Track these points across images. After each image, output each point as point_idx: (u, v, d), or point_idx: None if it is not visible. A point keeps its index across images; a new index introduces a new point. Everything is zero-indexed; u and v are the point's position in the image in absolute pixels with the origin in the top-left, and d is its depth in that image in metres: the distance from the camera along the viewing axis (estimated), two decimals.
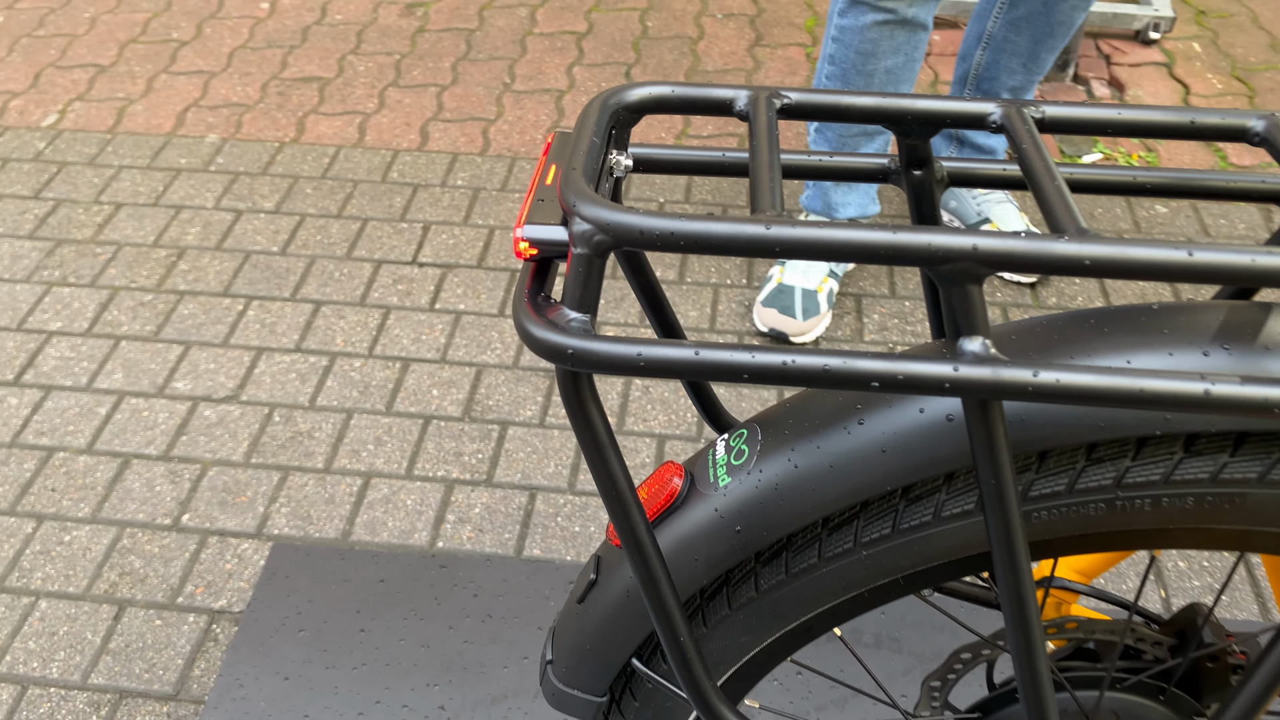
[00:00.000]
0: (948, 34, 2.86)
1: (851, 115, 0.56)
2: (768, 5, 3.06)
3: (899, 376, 0.45)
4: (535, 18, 3.01)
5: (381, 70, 2.80)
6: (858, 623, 1.36)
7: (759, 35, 2.93)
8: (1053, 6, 1.84)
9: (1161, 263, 0.43)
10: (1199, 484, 0.56)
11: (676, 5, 3.05)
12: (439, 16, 3.02)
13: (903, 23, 1.71)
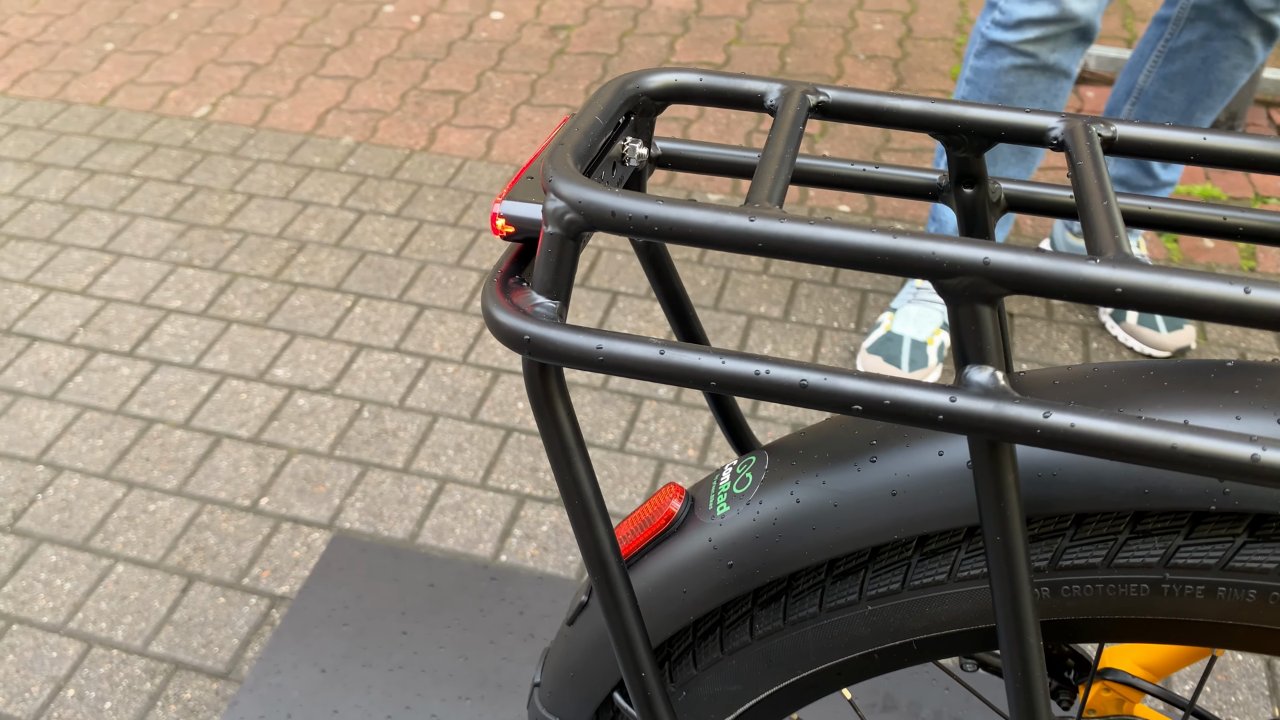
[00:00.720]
0: (1101, 91, 2.73)
1: (895, 120, 0.51)
2: (913, 49, 2.98)
3: (885, 401, 0.39)
4: (674, 47, 3.01)
5: (517, 88, 2.85)
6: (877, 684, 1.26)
7: (900, 79, 2.86)
8: (1213, 64, 1.69)
9: (1210, 299, 0.37)
10: (1265, 575, 0.48)
11: (819, 43, 3.00)
12: (580, 40, 3.05)
13: (1043, 69, 1.60)
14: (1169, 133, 0.49)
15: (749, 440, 0.66)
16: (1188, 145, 0.48)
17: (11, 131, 2.71)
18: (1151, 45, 1.80)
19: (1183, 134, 0.48)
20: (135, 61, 3.00)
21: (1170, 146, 0.49)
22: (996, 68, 1.63)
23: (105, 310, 2.15)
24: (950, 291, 0.39)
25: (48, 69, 2.98)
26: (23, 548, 1.70)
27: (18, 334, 2.10)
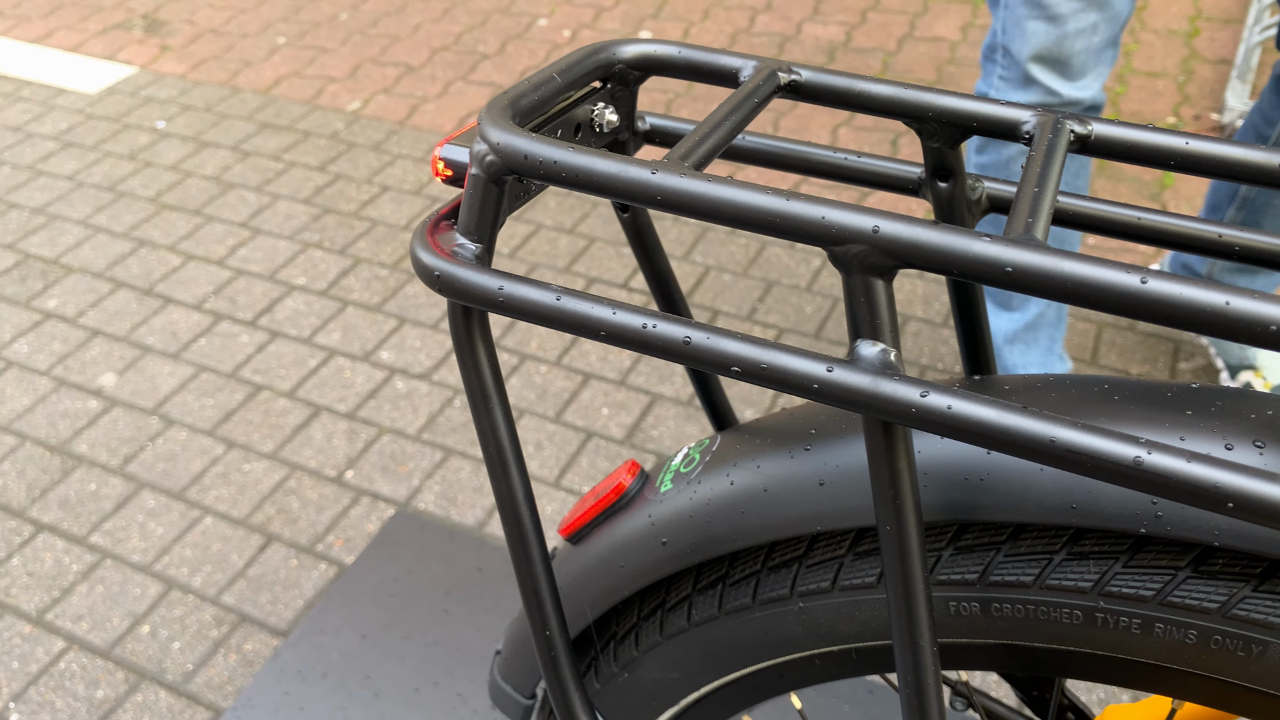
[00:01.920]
0: None
1: (866, 104, 0.50)
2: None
3: (762, 365, 0.38)
4: None
5: (653, 107, 2.88)
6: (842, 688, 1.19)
7: None
8: None
9: (1102, 286, 0.34)
10: (1205, 615, 0.44)
11: (966, 82, 2.93)
12: None
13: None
14: (1148, 135, 0.46)
15: (728, 420, 0.65)
16: (1169, 149, 0.45)
17: (183, 112, 2.91)
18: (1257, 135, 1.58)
19: (1163, 137, 0.45)
20: (301, 55, 3.18)
21: (1149, 149, 0.46)
22: (1004, 158, 1.50)
23: (236, 281, 2.28)
24: (841, 260, 0.38)
25: (224, 57, 3.19)
26: (127, 490, 1.82)
27: (156, 295, 2.25)
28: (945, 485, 0.46)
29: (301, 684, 1.34)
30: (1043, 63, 1.37)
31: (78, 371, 2.07)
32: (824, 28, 3.24)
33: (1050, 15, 1.32)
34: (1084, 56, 1.35)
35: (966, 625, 0.49)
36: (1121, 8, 1.33)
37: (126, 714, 1.47)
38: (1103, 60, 1.38)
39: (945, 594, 0.49)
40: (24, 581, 1.67)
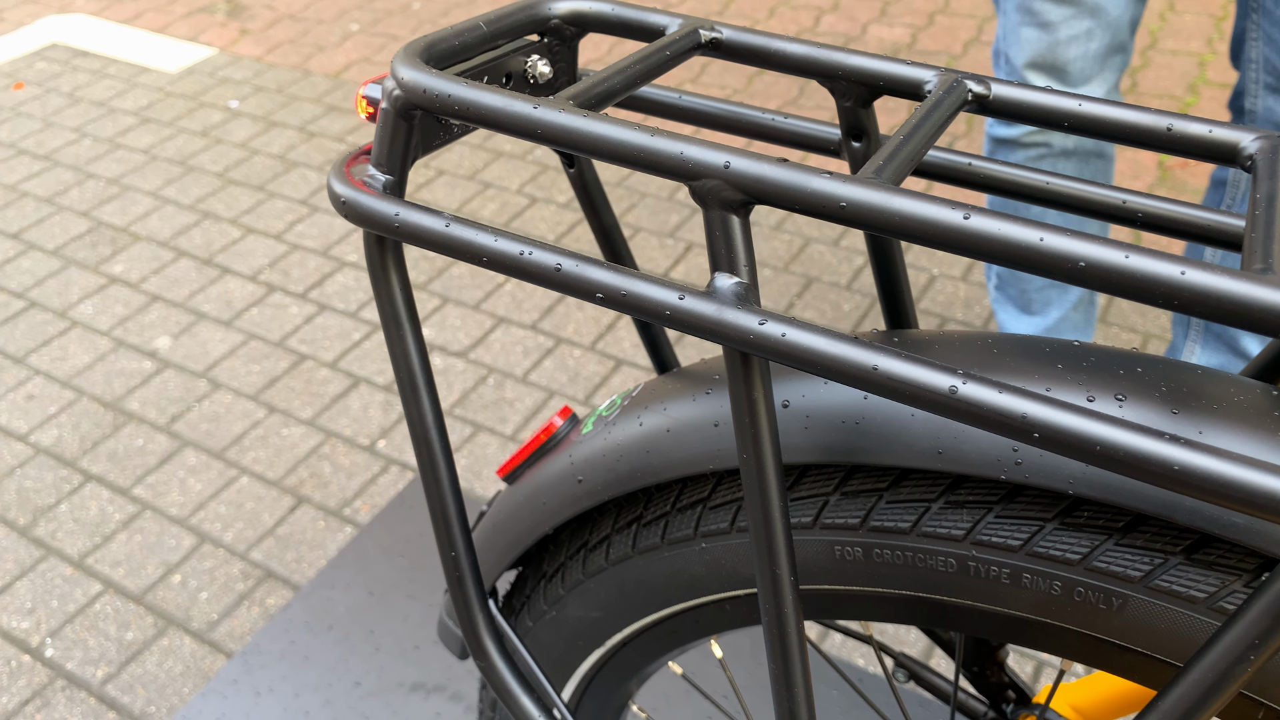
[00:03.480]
0: None
1: (781, 63, 0.51)
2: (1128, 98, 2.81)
3: (623, 293, 0.40)
4: None
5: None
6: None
7: None
8: None
9: (926, 220, 0.36)
10: (1069, 566, 0.45)
11: None
12: None
13: (1065, 154, 1.44)
14: (1045, 96, 0.47)
15: (670, 366, 0.66)
16: (1064, 111, 0.46)
17: (256, 93, 3.01)
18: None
19: (1059, 99, 0.46)
20: (372, 42, 3.27)
21: (1046, 111, 0.47)
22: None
23: (291, 255, 2.36)
24: (699, 195, 0.40)
25: (299, 41, 3.30)
26: (171, 447, 1.90)
27: (215, 265, 2.34)
28: (825, 428, 0.48)
29: (308, 634, 1.39)
30: (1038, 69, 1.35)
31: (136, 334, 2.16)
32: (890, 29, 3.22)
33: (1041, 22, 1.30)
34: (1081, 63, 1.33)
35: (851, 571, 0.50)
36: (1119, 14, 1.30)
37: (152, 656, 1.54)
38: (1108, 66, 1.35)
39: (831, 538, 0.50)
40: (70, 527, 1.76)
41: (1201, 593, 0.42)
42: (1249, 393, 0.43)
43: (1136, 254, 0.33)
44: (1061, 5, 1.30)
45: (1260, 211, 0.38)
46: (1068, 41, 1.32)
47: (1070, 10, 1.30)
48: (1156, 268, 0.33)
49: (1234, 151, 0.43)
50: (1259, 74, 1.32)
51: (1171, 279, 0.33)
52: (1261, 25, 1.28)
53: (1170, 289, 0.33)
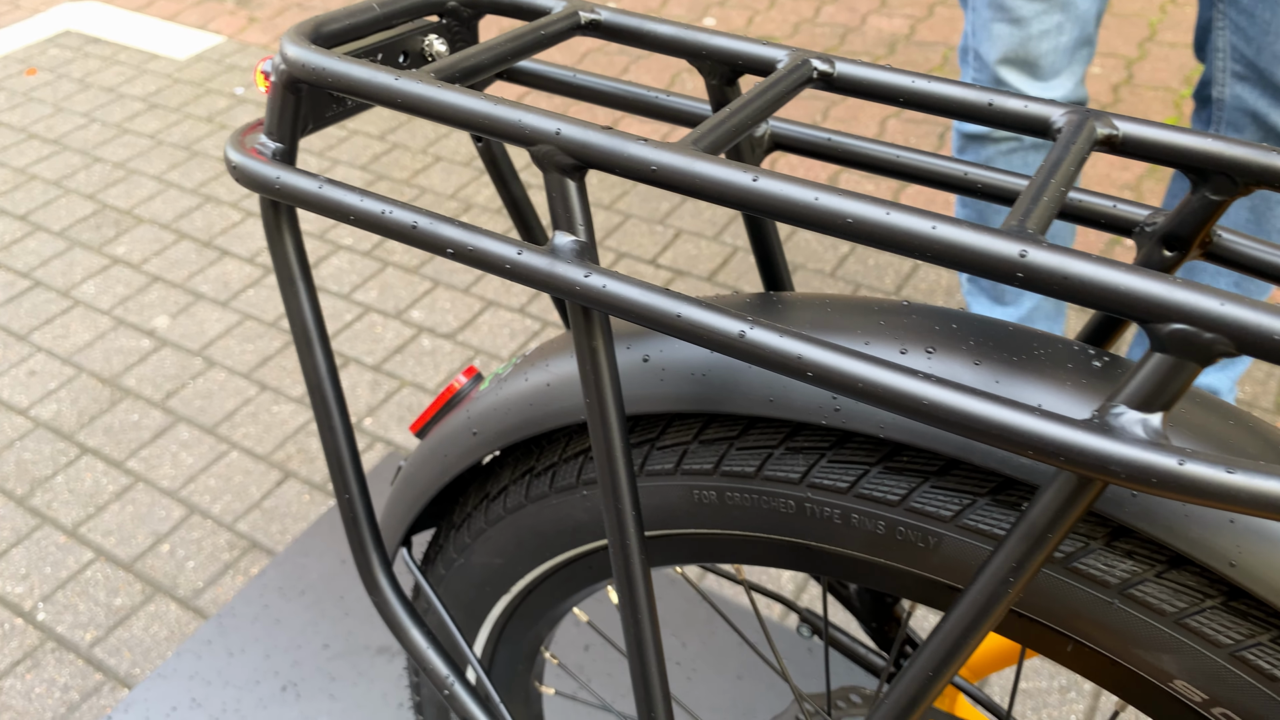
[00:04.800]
0: None
1: (652, 43, 0.55)
2: (1128, 96, 2.83)
3: (469, 248, 0.44)
4: None
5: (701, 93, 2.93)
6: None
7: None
8: (1265, 214, 1.41)
9: (723, 183, 0.40)
10: (890, 506, 0.48)
11: None
12: None
13: (1038, 147, 1.47)
14: (885, 74, 0.50)
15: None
16: (901, 87, 0.50)
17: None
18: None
19: (898, 77, 0.50)
20: None
21: (885, 88, 0.50)
22: (984, 159, 1.48)
23: None
24: (538, 159, 0.44)
25: None
26: (165, 422, 1.95)
27: (214, 247, 2.40)
28: (678, 380, 0.52)
29: (281, 599, 1.44)
30: (1011, 65, 1.37)
31: (136, 313, 2.22)
32: (889, 20, 3.24)
33: (1014, 18, 1.33)
34: (1052, 57, 1.35)
35: (709, 514, 0.54)
36: (1087, 7, 1.32)
37: (139, 621, 1.60)
38: (1075, 59, 1.37)
39: (690, 482, 0.54)
40: (65, 497, 1.82)
41: (1004, 530, 0.46)
42: (1052, 347, 0.46)
43: (896, 211, 0.37)
44: (1032, 1, 1.32)
45: (1040, 177, 0.41)
46: (1039, 36, 1.35)
47: (1041, 5, 1.32)
48: (911, 223, 0.37)
49: (1045, 124, 0.47)
50: (1226, 62, 1.34)
51: (924, 233, 0.37)
52: (1228, 14, 1.30)
53: (924, 242, 0.37)
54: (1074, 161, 0.43)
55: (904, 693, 0.45)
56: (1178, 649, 0.44)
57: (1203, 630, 0.44)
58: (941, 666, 0.43)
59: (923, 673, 0.44)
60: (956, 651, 0.42)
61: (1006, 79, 1.38)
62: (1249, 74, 1.28)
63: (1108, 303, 0.34)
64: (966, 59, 1.46)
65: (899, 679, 0.45)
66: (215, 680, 1.32)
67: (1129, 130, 0.46)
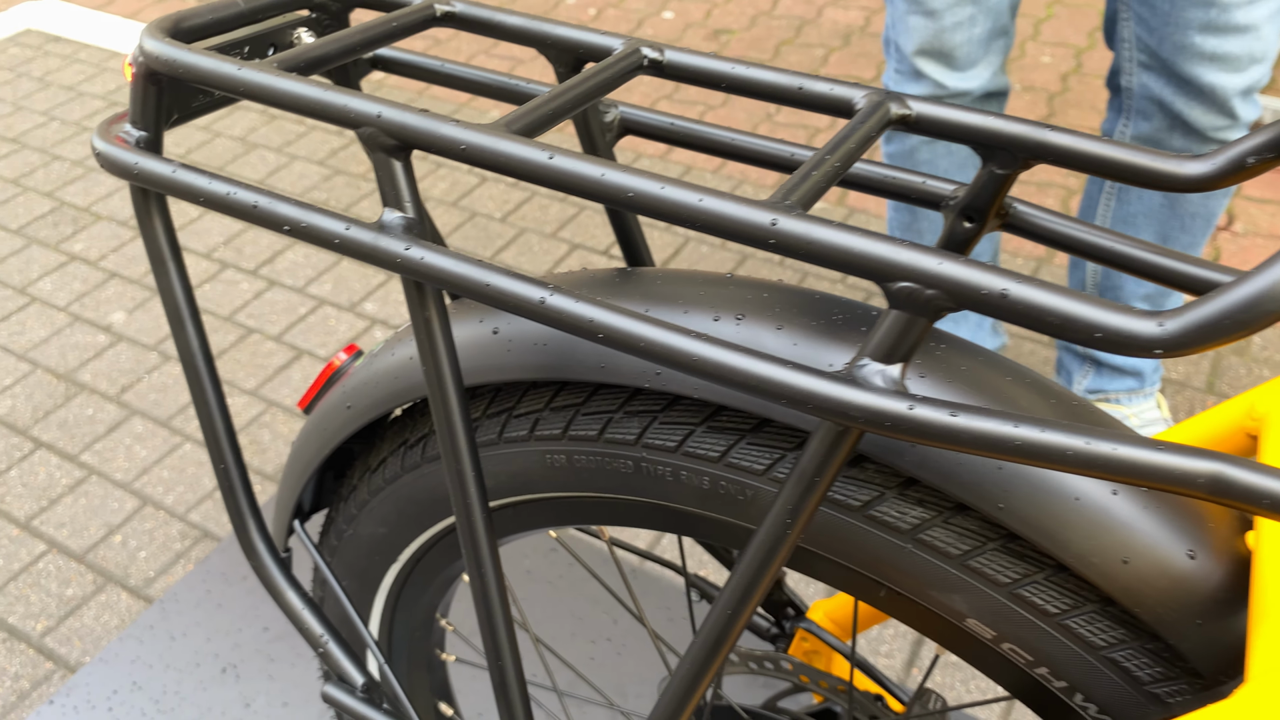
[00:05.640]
0: None
1: (504, 33, 0.58)
2: (1076, 84, 2.87)
3: (303, 224, 0.48)
4: (828, 60, 3.03)
5: (662, 84, 2.96)
6: None
7: (1051, 112, 2.77)
8: (1178, 197, 1.43)
9: (524, 160, 0.43)
10: (712, 463, 0.52)
11: None
12: (738, 45, 3.14)
13: None
14: (709, 62, 0.53)
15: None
16: (722, 73, 0.53)
17: None
18: (1097, 186, 1.56)
19: (720, 64, 0.53)
20: None
21: (709, 74, 0.54)
22: (907, 148, 1.52)
23: (245, 233, 2.44)
24: (364, 141, 0.47)
25: None
26: (120, 416, 1.98)
27: None
28: (522, 350, 0.55)
29: (224, 584, 1.47)
30: (927, 56, 1.40)
31: (92, 309, 2.24)
32: (844, 13, 3.28)
33: (927, 10, 1.36)
34: (967, 48, 1.39)
35: (560, 477, 0.58)
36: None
37: (90, 610, 1.63)
38: (992, 50, 1.41)
39: (542, 448, 0.58)
40: (18, 491, 1.84)
41: None
42: (851, 312, 0.50)
43: (670, 186, 0.41)
44: None
45: (819, 153, 0.45)
46: (953, 28, 1.38)
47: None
48: (682, 196, 0.40)
49: (849, 105, 0.50)
50: (1132, 52, 1.38)
51: (692, 204, 0.40)
52: (1131, 6, 1.34)
53: (693, 213, 0.40)
54: (859, 140, 0.46)
55: (709, 633, 0.48)
56: (965, 589, 0.48)
57: (984, 570, 0.47)
58: (739, 606, 0.47)
59: (724, 612, 0.47)
60: (751, 591, 0.46)
61: (924, 70, 1.41)
62: (1153, 63, 1.32)
63: (847, 265, 0.38)
64: (890, 49, 1.49)
65: (705, 620, 0.48)
66: (156, 664, 1.35)
67: (921, 110, 0.49)
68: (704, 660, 0.49)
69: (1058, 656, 0.47)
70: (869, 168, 0.55)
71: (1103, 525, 0.44)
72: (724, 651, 0.48)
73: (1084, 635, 0.46)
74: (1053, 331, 0.35)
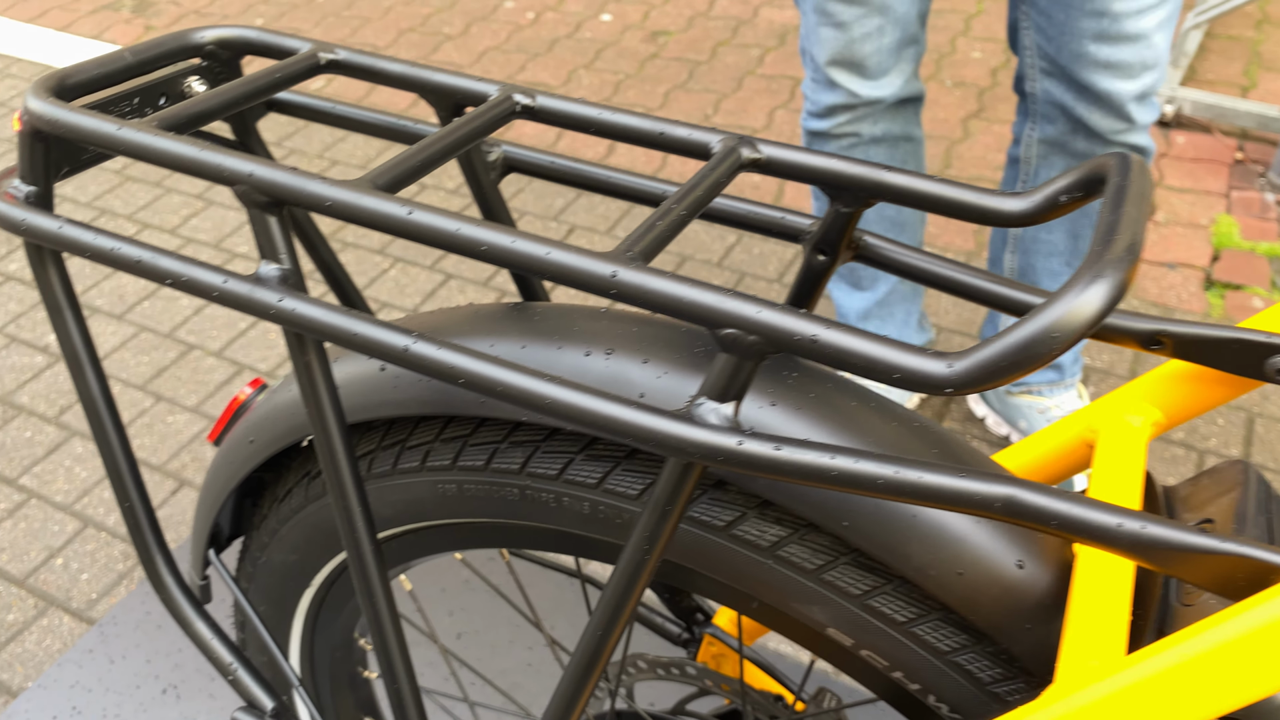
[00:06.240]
0: (1193, 136, 2.61)
1: (386, 79, 0.61)
2: (1006, 79, 2.93)
3: (184, 278, 0.50)
4: (764, 60, 3.07)
5: (602, 86, 2.99)
6: None
7: (981, 107, 2.83)
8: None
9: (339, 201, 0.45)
10: (589, 488, 0.55)
11: None
12: (676, 46, 3.17)
13: (876, 141, 1.53)
14: (578, 107, 0.56)
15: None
16: (590, 119, 0.56)
17: None
18: (1011, 188, 1.61)
19: (588, 109, 0.56)
20: None
21: (577, 119, 0.56)
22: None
23: (185, 248, 2.43)
24: (240, 197, 0.49)
25: None
26: (59, 437, 1.97)
27: None
28: (408, 386, 0.57)
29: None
30: (839, 66, 1.43)
31: (29, 330, 2.23)
32: (780, 12, 3.32)
33: (836, 22, 1.39)
34: (877, 58, 1.42)
35: (452, 505, 0.61)
36: (906, 9, 1.38)
37: (32, 635, 1.63)
38: (902, 58, 1.44)
39: (434, 477, 0.60)
40: None
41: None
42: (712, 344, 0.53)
43: (521, 239, 0.44)
44: (852, 5, 1.39)
45: (666, 204, 0.47)
46: (862, 39, 1.42)
47: (861, 10, 1.39)
48: (532, 249, 0.43)
49: (706, 149, 0.53)
50: (1034, 60, 1.43)
51: (540, 256, 0.43)
52: (1031, 15, 1.39)
53: (542, 264, 0.43)
54: (707, 187, 0.49)
55: (585, 648, 0.51)
56: (823, 601, 0.51)
57: (838, 584, 0.51)
58: (610, 624, 0.49)
59: (596, 629, 0.50)
60: (620, 609, 0.49)
61: (837, 79, 1.45)
62: (1053, 70, 1.37)
63: (680, 313, 0.41)
64: (805, 60, 1.53)
65: (580, 640, 0.51)
66: (96, 687, 1.36)
67: (771, 153, 0.52)
68: (580, 677, 0.52)
69: (909, 661, 0.51)
70: (731, 203, 0.58)
71: (939, 540, 0.47)
72: (598, 669, 0.51)
73: (930, 641, 0.50)
74: (860, 372, 0.39)
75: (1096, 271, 0.36)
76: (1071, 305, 0.35)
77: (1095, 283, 0.35)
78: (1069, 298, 0.35)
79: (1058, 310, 0.35)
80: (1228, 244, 2.29)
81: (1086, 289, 0.35)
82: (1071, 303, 0.35)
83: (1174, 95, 2.62)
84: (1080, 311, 0.35)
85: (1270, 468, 1.80)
